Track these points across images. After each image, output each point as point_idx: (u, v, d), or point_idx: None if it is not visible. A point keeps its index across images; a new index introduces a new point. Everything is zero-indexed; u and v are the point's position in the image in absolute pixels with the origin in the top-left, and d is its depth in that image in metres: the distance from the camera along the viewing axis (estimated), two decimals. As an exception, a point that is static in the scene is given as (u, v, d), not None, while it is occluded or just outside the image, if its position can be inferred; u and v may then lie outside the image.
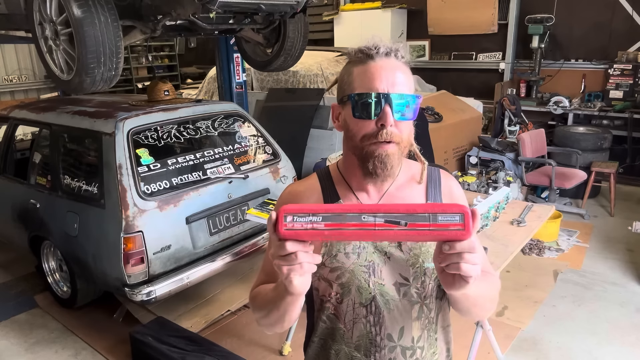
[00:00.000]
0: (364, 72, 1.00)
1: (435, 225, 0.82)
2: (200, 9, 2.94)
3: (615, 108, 5.82)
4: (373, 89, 0.97)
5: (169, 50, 11.27)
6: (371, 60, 1.00)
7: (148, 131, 3.03)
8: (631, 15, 6.05)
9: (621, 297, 3.46)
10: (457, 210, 0.83)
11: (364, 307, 1.06)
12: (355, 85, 1.00)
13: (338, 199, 1.08)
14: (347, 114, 1.03)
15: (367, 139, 0.99)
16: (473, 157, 5.21)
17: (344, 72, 1.04)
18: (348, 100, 1.01)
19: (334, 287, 1.07)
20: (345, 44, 7.56)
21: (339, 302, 1.08)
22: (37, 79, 8.65)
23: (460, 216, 0.83)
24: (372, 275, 1.05)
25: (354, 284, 1.05)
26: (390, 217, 0.83)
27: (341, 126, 1.07)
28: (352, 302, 1.06)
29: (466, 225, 0.82)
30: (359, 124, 1.00)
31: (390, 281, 1.06)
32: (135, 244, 2.73)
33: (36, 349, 3.14)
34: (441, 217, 0.82)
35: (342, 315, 1.08)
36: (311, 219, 0.83)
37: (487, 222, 2.47)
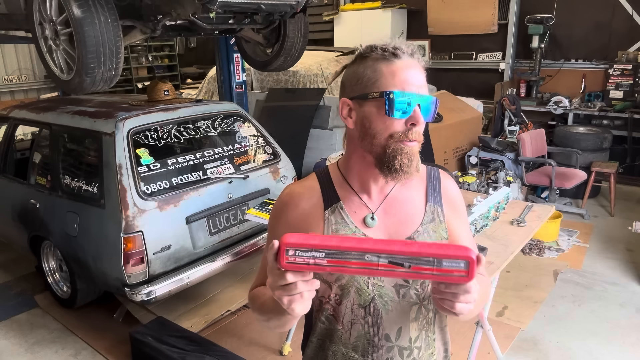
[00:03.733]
0: (395, 71, 0.98)
1: (438, 270, 0.82)
2: (200, 9, 2.94)
3: (615, 108, 5.82)
4: (407, 88, 0.97)
5: (169, 50, 11.27)
6: (397, 59, 0.99)
7: (148, 131, 3.03)
8: (631, 15, 6.05)
9: (621, 297, 3.46)
10: (462, 256, 0.82)
11: (363, 309, 1.06)
12: (384, 82, 0.97)
13: (338, 200, 1.07)
14: (369, 111, 0.99)
15: (394, 137, 0.98)
16: (473, 157, 5.21)
17: (366, 68, 1.00)
18: (380, 97, 0.97)
19: (333, 289, 1.06)
20: (345, 44, 7.57)
21: (337, 304, 1.07)
22: (37, 79, 8.65)
23: (465, 263, 0.82)
24: (371, 277, 1.05)
25: (354, 286, 1.05)
26: (394, 258, 0.82)
27: (356, 123, 1.02)
28: (351, 303, 1.06)
29: (470, 272, 0.82)
30: (387, 122, 0.98)
31: (390, 283, 1.05)
32: (135, 244, 2.73)
33: (36, 349, 3.14)
34: (446, 263, 0.82)
35: (340, 316, 1.07)
36: (313, 255, 0.82)
37: (487, 222, 2.47)
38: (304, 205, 1.08)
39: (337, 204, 1.07)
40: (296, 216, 1.07)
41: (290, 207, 1.09)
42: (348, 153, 1.09)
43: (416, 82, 0.98)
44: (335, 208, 1.07)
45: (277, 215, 1.12)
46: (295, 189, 1.12)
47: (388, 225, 1.07)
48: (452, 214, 1.14)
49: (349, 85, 1.04)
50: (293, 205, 1.09)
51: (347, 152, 1.09)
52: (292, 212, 1.08)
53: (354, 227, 1.05)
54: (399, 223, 1.08)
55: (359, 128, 1.02)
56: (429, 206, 1.11)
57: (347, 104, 1.03)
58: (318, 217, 1.06)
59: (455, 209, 1.16)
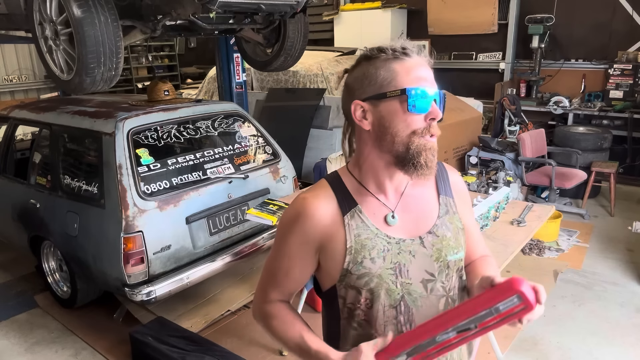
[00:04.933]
0: (409, 68, 1.00)
1: (501, 316, 0.84)
2: (200, 9, 2.95)
3: (615, 108, 5.82)
4: (422, 85, 0.99)
5: (169, 50, 11.27)
6: (409, 58, 1.01)
7: (148, 131, 3.03)
8: (631, 15, 6.05)
9: (621, 297, 3.46)
10: (512, 293, 0.83)
11: (394, 309, 1.06)
12: (401, 80, 0.99)
13: (356, 204, 1.07)
14: (389, 110, 1.00)
15: (417, 133, 1.00)
16: (473, 157, 5.21)
17: (377, 69, 1.01)
18: (402, 94, 0.98)
19: (362, 294, 1.06)
20: (345, 44, 7.56)
21: (368, 308, 1.06)
22: (37, 79, 8.65)
23: (517, 297, 0.83)
24: (399, 277, 1.05)
25: (383, 288, 1.05)
26: (459, 327, 0.87)
27: (373, 124, 1.02)
28: (382, 305, 1.06)
29: (527, 301, 0.82)
30: (408, 119, 0.99)
31: (417, 279, 1.07)
32: (135, 244, 2.73)
33: (36, 349, 3.14)
34: (502, 306, 0.84)
35: (373, 320, 1.07)
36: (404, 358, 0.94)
37: (487, 222, 2.47)
38: (321, 215, 1.05)
39: (355, 208, 1.06)
40: (312, 227, 1.05)
41: (305, 218, 1.06)
42: (362, 155, 1.07)
43: (429, 78, 1.02)
44: (354, 213, 1.06)
45: (289, 226, 1.08)
46: (309, 198, 1.08)
47: (407, 222, 1.09)
48: (462, 205, 1.18)
49: (359, 87, 1.03)
50: (308, 217, 1.06)
51: (361, 154, 1.08)
52: (308, 224, 1.05)
53: (375, 229, 1.06)
54: (417, 219, 1.10)
55: (377, 128, 1.02)
56: (442, 199, 1.15)
57: (361, 106, 1.02)
58: (337, 225, 1.05)
59: (463, 200, 1.20)
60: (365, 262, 1.04)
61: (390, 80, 1.00)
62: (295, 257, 1.09)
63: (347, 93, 1.07)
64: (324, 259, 1.08)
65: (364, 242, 1.04)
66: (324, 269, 1.10)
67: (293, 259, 1.09)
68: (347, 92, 1.07)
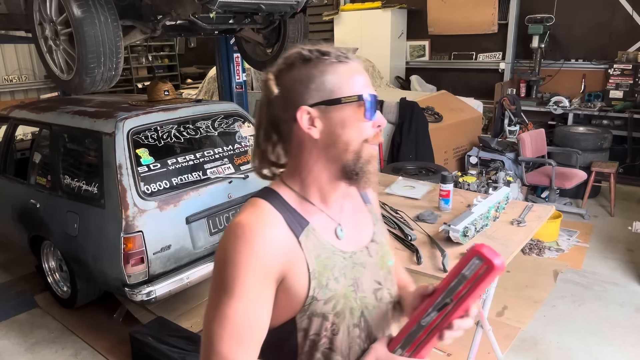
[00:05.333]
0: (356, 74, 0.95)
1: (470, 281, 0.86)
2: (200, 9, 2.95)
3: (615, 108, 5.82)
4: (370, 90, 0.95)
5: (169, 50, 11.27)
6: (352, 62, 0.96)
7: (148, 131, 3.03)
8: (631, 15, 6.05)
9: (621, 297, 3.46)
10: (472, 255, 0.85)
11: (357, 327, 1.00)
12: (352, 86, 0.93)
13: (307, 223, 0.96)
14: (343, 117, 0.93)
15: (367, 142, 0.95)
16: (473, 157, 5.21)
17: (323, 72, 0.93)
18: (358, 100, 0.92)
19: (330, 319, 0.96)
20: (345, 44, 7.56)
21: (334, 334, 0.98)
22: (37, 79, 8.64)
23: (477, 258, 0.85)
24: (357, 292, 1.00)
25: (348, 308, 0.98)
26: (438, 305, 0.90)
27: (323, 132, 0.93)
28: (347, 327, 0.99)
29: (487, 259, 0.84)
30: (361, 127, 0.94)
31: (370, 290, 1.03)
32: (135, 244, 2.73)
33: (36, 349, 3.14)
34: (467, 271, 0.86)
35: (338, 345, 0.98)
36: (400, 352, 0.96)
37: (487, 222, 2.47)
38: (277, 241, 0.91)
39: (308, 227, 0.96)
40: (271, 257, 0.90)
41: (261, 248, 0.89)
42: (305, 166, 0.97)
43: (370, 84, 0.97)
44: (308, 232, 0.95)
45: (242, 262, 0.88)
46: (256, 224, 0.91)
47: (353, 233, 1.03)
48: (379, 212, 1.18)
49: (303, 92, 0.93)
50: (264, 245, 0.89)
51: (303, 165, 0.97)
52: (265, 254, 0.89)
53: (330, 246, 0.98)
54: (359, 229, 1.06)
55: (327, 137, 0.93)
56: (368, 207, 1.13)
57: (308, 112, 0.92)
58: (295, 248, 0.93)
59: (376, 204, 1.19)
60: (330, 283, 0.95)
61: (341, 86, 0.92)
62: (258, 298, 0.90)
63: (282, 98, 0.95)
64: (283, 291, 0.93)
65: (326, 262, 0.95)
66: (280, 302, 0.94)
67: (255, 302, 0.89)
68: (282, 97, 0.95)
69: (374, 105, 0.94)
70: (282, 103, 0.95)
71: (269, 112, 0.98)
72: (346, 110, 0.93)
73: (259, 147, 1.01)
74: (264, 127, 1.00)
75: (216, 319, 0.89)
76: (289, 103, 0.94)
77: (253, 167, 1.05)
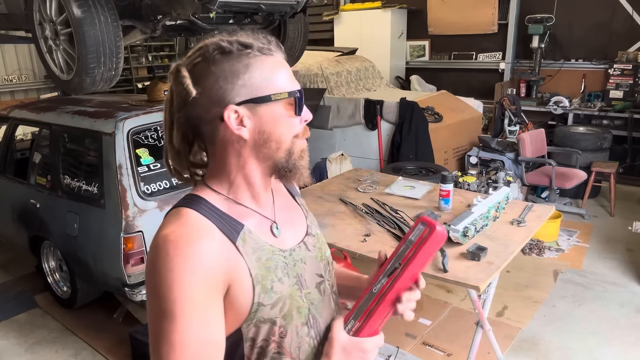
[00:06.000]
0: (281, 66, 0.90)
1: (415, 244, 0.89)
2: (200, 9, 2.95)
3: (615, 108, 5.82)
4: (297, 85, 0.92)
5: (169, 50, 11.26)
6: (276, 54, 0.91)
7: (148, 131, 3.03)
8: (631, 15, 6.05)
9: (621, 297, 3.46)
10: (417, 222, 0.91)
11: (305, 325, 0.96)
12: (280, 81, 0.88)
13: (242, 226, 0.90)
14: (273, 114, 0.88)
15: (297, 137, 0.92)
16: (473, 157, 5.21)
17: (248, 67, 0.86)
18: (289, 97, 0.89)
19: (277, 323, 0.91)
20: (345, 44, 7.57)
21: (282, 337, 0.92)
22: (37, 79, 8.64)
23: (421, 224, 0.90)
24: (302, 289, 0.96)
25: (294, 308, 0.93)
26: (388, 271, 0.92)
27: (253, 131, 0.88)
28: (295, 327, 0.94)
29: (429, 222, 0.89)
30: (291, 123, 0.90)
31: (313, 285, 1.00)
32: (135, 243, 2.74)
33: (36, 349, 3.14)
34: (412, 237, 0.90)
35: (287, 347, 0.93)
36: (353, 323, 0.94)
37: (487, 222, 2.47)
38: (215, 251, 0.84)
39: (243, 230, 0.89)
40: (213, 269, 0.82)
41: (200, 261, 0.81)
42: (234, 168, 0.91)
43: (293, 77, 0.93)
44: (244, 236, 0.89)
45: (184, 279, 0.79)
46: (189, 236, 0.83)
47: (288, 229, 1.00)
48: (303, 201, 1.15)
49: (229, 89, 0.86)
50: (202, 258, 0.82)
51: (231, 167, 0.91)
52: (207, 267, 0.82)
53: (269, 246, 0.93)
54: (293, 224, 1.03)
55: (257, 136, 0.88)
56: (298, 199, 1.11)
57: (236, 112, 0.86)
58: (234, 255, 0.86)
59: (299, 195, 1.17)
60: (275, 286, 0.90)
61: (269, 81, 0.87)
62: (205, 316, 0.82)
63: (203, 96, 0.86)
64: (229, 302, 0.86)
65: (267, 265, 0.90)
66: (225, 314, 0.87)
67: (204, 320, 0.81)
68: (203, 96, 0.86)
69: (302, 100, 0.91)
70: (203, 102, 0.87)
71: (185, 112, 0.88)
72: (276, 107, 0.88)
73: (174, 148, 0.92)
74: (178, 127, 0.90)
75: (165, 350, 0.79)
76: (212, 102, 0.86)
77: (168, 170, 0.95)
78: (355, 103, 5.23)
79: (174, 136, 0.91)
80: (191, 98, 0.86)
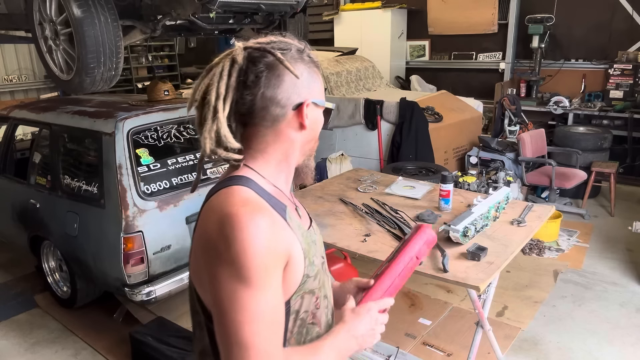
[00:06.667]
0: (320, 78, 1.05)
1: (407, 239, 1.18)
2: (200, 9, 2.95)
3: (615, 108, 5.82)
4: None
5: (169, 50, 11.26)
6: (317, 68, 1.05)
7: (148, 131, 3.03)
8: (631, 15, 6.05)
9: (621, 297, 3.46)
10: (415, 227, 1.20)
11: (326, 298, 1.06)
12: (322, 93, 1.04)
13: (285, 207, 0.97)
14: (318, 117, 1.02)
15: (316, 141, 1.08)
16: (473, 157, 5.21)
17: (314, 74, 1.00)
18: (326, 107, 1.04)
19: (315, 293, 1.00)
20: (345, 44, 7.56)
21: (317, 308, 1.02)
22: (37, 79, 8.64)
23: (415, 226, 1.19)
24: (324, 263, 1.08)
25: (323, 281, 1.05)
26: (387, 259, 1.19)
27: (309, 126, 0.99)
28: (323, 299, 1.05)
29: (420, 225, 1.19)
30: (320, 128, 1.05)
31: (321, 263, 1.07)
32: (135, 244, 2.73)
33: (36, 349, 3.14)
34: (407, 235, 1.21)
35: (319, 317, 1.03)
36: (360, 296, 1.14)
37: (487, 222, 2.47)
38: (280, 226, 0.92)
39: (287, 210, 0.97)
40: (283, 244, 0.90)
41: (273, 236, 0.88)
42: (283, 155, 1.00)
43: None
44: (288, 214, 0.97)
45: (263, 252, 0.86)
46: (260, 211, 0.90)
47: (303, 213, 1.08)
48: None
49: (307, 86, 0.97)
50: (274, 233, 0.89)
51: (281, 154, 1.00)
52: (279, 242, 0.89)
53: (301, 225, 1.01)
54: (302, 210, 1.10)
55: (309, 131, 1.00)
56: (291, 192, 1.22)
57: (308, 105, 0.97)
58: (288, 230, 0.94)
59: None
60: (315, 259, 1.00)
61: (321, 92, 1.03)
62: (276, 285, 0.89)
63: (290, 84, 0.94)
64: (285, 275, 0.92)
65: (307, 241, 0.99)
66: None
67: (276, 288, 0.89)
68: (290, 83, 0.94)
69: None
70: (286, 87, 0.94)
71: (257, 91, 0.92)
72: (320, 113, 1.03)
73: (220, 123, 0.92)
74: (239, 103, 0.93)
75: (248, 318, 0.84)
76: (296, 91, 0.95)
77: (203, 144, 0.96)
78: (355, 103, 5.23)
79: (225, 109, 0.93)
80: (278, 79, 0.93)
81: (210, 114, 0.93)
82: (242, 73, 0.93)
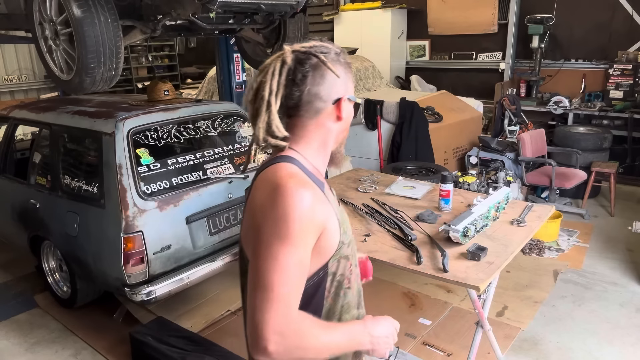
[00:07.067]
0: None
1: None
2: (200, 9, 2.94)
3: (615, 108, 5.82)
4: None
5: (169, 50, 11.27)
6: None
7: (148, 131, 3.03)
8: (631, 15, 6.05)
9: (621, 297, 3.46)
10: None
11: (356, 266, 1.23)
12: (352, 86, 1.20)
13: (323, 183, 1.15)
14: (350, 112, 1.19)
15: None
16: (473, 157, 5.21)
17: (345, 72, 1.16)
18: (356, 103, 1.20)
19: (349, 259, 1.16)
20: (345, 44, 7.56)
21: (351, 273, 1.18)
22: (37, 79, 8.64)
23: None
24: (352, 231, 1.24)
25: (355, 249, 1.21)
26: None
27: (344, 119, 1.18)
28: (355, 266, 1.21)
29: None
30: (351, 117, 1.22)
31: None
32: (135, 244, 2.73)
33: (36, 349, 3.14)
34: None
35: (353, 283, 1.19)
36: None
37: (487, 222, 2.47)
38: (320, 196, 1.08)
39: (324, 185, 1.15)
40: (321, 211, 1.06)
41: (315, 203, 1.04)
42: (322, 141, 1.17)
43: None
44: (327, 189, 1.16)
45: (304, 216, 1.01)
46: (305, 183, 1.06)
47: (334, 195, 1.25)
48: None
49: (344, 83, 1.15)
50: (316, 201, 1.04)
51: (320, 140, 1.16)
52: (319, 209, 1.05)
53: (335, 201, 1.19)
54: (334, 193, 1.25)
55: (344, 123, 1.18)
56: None
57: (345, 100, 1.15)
58: (327, 202, 1.10)
59: None
60: (348, 230, 1.17)
61: (352, 88, 1.20)
62: (309, 247, 1.04)
63: (331, 82, 1.11)
64: (323, 240, 1.07)
65: (341, 212, 1.17)
66: (320, 250, 1.08)
67: (308, 251, 1.04)
68: (331, 81, 1.11)
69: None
70: (329, 85, 1.11)
71: (304, 88, 1.08)
72: (351, 107, 1.19)
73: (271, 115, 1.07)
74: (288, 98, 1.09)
75: (277, 267, 0.98)
76: (337, 88, 1.12)
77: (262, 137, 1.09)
78: (355, 103, 5.23)
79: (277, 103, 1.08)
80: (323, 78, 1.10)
81: (264, 107, 1.07)
82: (291, 72, 1.08)
